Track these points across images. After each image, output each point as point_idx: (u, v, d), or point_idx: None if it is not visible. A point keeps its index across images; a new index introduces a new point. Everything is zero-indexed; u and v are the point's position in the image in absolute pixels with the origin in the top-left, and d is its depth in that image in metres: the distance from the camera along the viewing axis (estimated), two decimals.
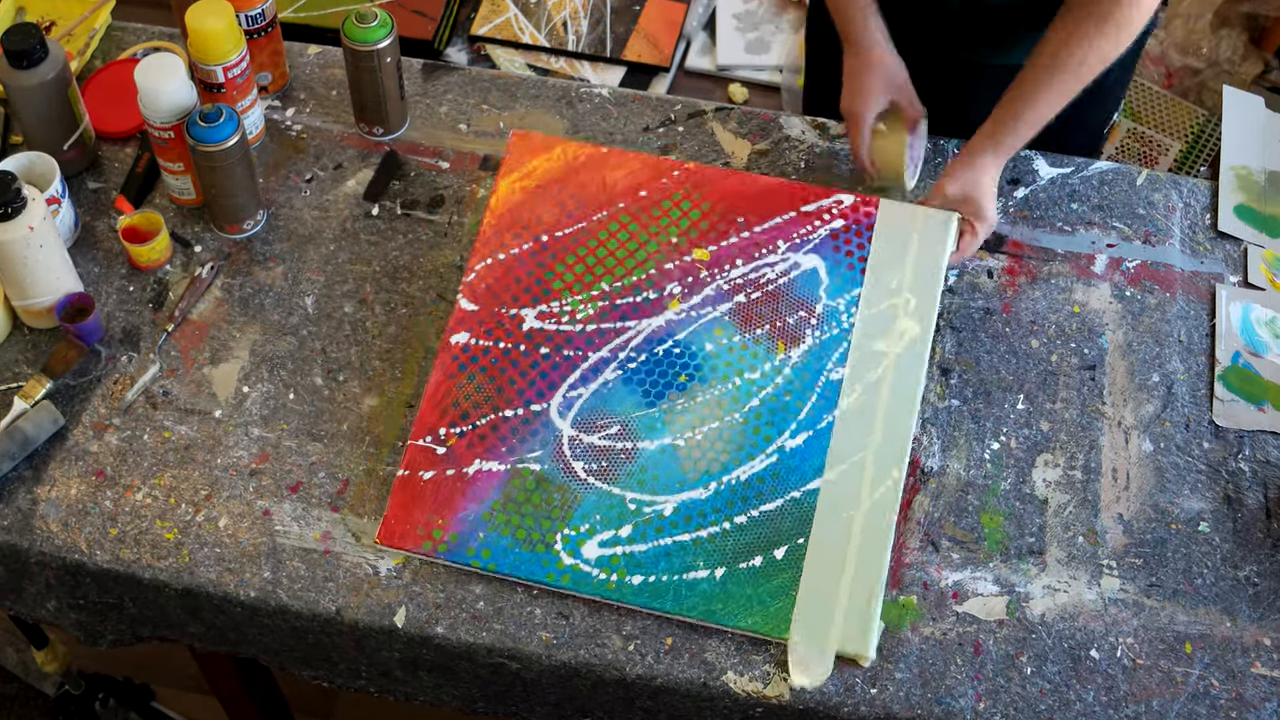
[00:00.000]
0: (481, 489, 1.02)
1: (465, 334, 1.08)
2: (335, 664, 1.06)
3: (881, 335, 1.08)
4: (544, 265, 1.11)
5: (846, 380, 1.06)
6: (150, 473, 1.06)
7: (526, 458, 1.03)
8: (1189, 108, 1.79)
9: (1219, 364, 1.13)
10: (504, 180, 1.16)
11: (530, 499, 1.02)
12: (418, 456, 1.03)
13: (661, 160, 1.17)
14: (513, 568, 0.99)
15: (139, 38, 1.32)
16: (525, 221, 1.14)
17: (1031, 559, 1.03)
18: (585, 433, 1.04)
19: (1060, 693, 0.98)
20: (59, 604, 1.07)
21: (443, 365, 1.07)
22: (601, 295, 1.09)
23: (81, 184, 1.22)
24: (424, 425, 1.05)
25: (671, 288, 1.10)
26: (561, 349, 1.07)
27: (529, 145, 1.18)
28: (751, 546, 1.00)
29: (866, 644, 0.97)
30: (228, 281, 1.17)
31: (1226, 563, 1.03)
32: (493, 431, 1.04)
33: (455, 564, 1.00)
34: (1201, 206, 1.23)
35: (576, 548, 1.00)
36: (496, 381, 1.06)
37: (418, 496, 1.02)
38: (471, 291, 1.11)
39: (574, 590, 0.99)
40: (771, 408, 1.05)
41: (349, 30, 1.17)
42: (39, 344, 1.13)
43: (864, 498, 1.02)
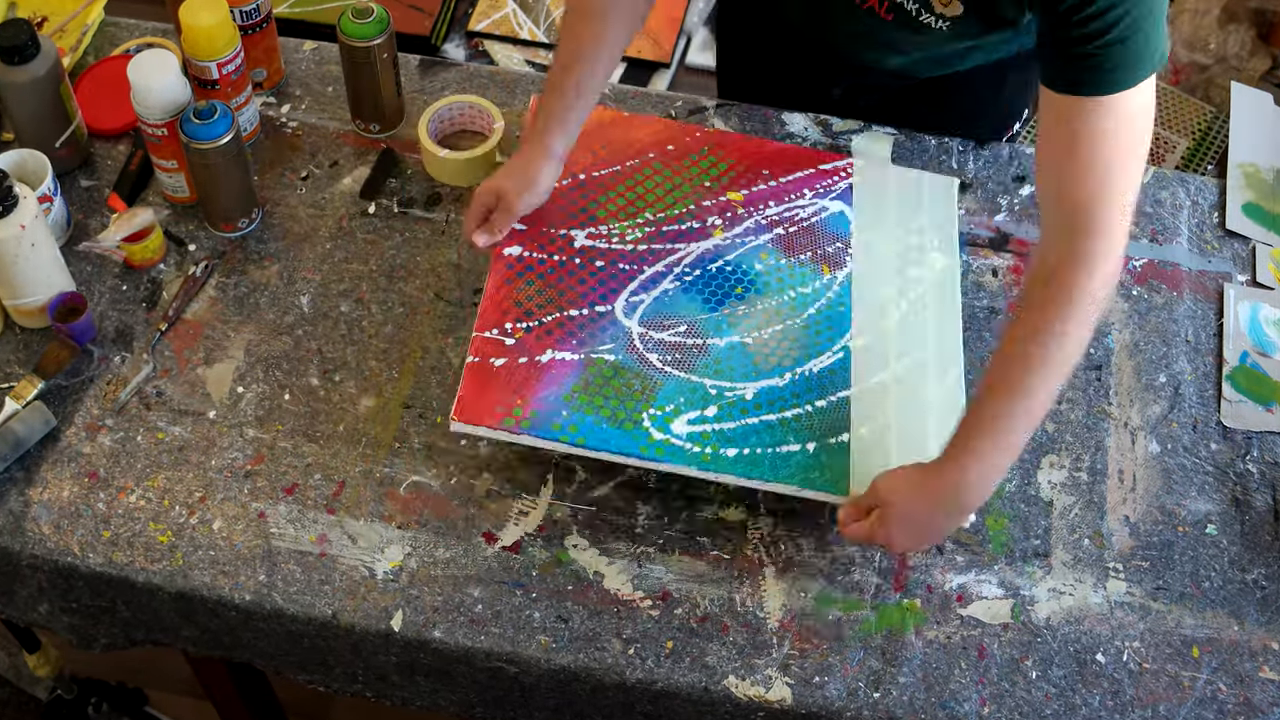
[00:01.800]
0: (558, 374, 1.02)
1: (518, 247, 1.09)
2: (331, 668, 1.05)
3: (914, 264, 1.13)
4: (587, 197, 1.14)
5: (891, 298, 1.11)
6: (144, 474, 1.05)
7: (599, 349, 1.04)
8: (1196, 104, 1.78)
9: (1227, 364, 1.12)
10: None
11: (610, 383, 1.02)
12: (485, 346, 1.03)
13: (684, 124, 1.21)
14: (602, 442, 0.99)
15: (132, 33, 1.31)
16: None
17: (1037, 562, 1.02)
18: (654, 330, 1.06)
19: (1066, 697, 0.97)
20: (51, 607, 1.07)
21: (498, 273, 1.07)
22: (647, 223, 1.12)
23: (74, 182, 1.21)
24: (487, 320, 1.05)
25: (713, 220, 1.13)
26: (616, 263, 1.09)
27: None
28: (836, 425, 1.03)
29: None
30: (222, 281, 1.16)
31: (1234, 565, 1.03)
32: (559, 327, 1.05)
33: (541, 440, 0.99)
34: (1209, 204, 1.22)
35: (665, 424, 1.01)
36: (556, 287, 1.07)
37: (492, 379, 1.02)
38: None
39: (669, 462, 0.99)
40: (828, 315, 1.09)
41: (345, 26, 1.17)
42: (31, 344, 1.12)
43: (931, 384, 1.06)
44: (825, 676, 0.97)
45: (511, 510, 1.04)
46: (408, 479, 1.05)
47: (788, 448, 1.01)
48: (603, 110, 1.20)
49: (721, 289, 1.09)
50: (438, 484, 1.05)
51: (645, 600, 1.00)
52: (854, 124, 1.26)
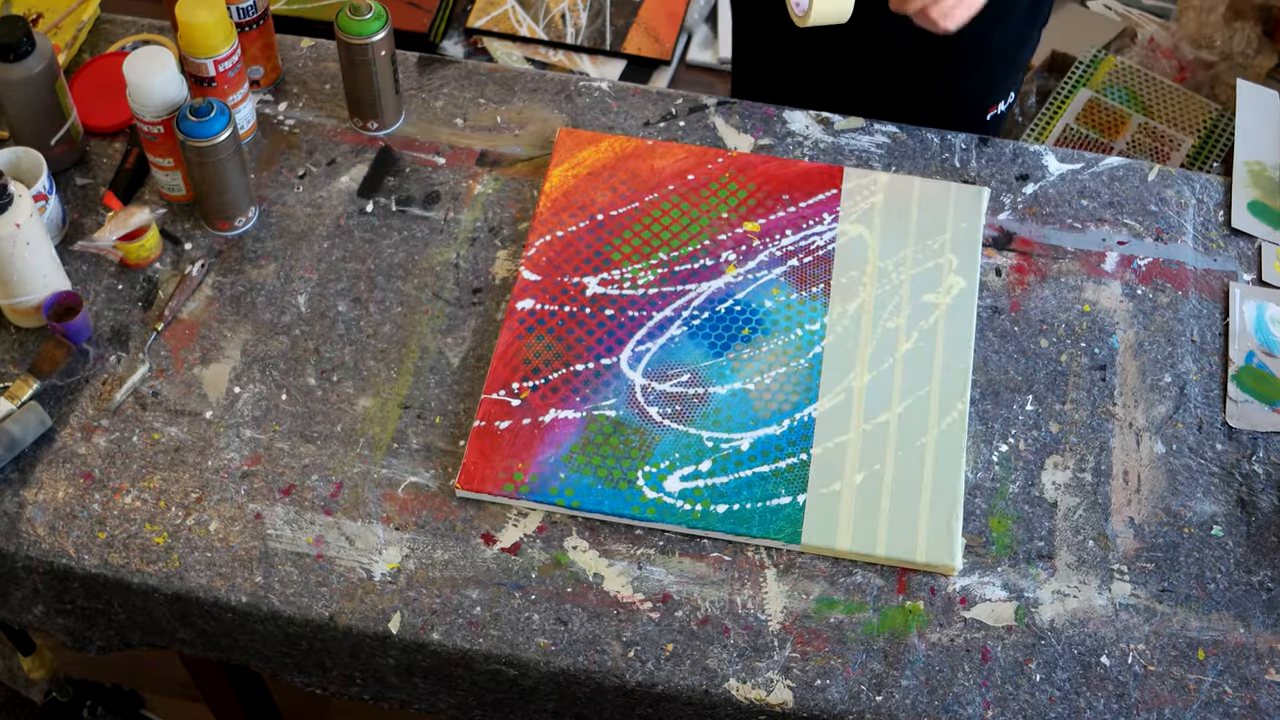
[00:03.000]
0: (559, 435, 1.05)
1: (530, 300, 1.11)
2: (328, 670, 1.04)
3: (931, 289, 1.13)
4: (602, 240, 1.15)
5: (904, 328, 1.11)
6: (139, 475, 1.05)
7: (601, 405, 1.06)
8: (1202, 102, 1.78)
9: (1232, 364, 1.11)
10: (555, 170, 1.19)
11: (609, 441, 1.05)
12: (493, 409, 1.06)
13: (706, 150, 1.21)
14: (597, 504, 1.02)
15: (128, 30, 1.31)
16: (580, 203, 1.17)
17: (1041, 563, 1.02)
18: (657, 381, 1.08)
19: (1070, 700, 0.96)
20: (46, 609, 1.06)
21: (510, 329, 1.10)
22: (660, 264, 1.14)
23: (69, 180, 1.21)
24: (496, 380, 1.07)
25: (726, 255, 1.15)
26: (626, 310, 1.11)
27: (576, 140, 1.22)
28: (831, 473, 1.04)
29: (952, 555, 1.00)
30: (219, 280, 1.15)
31: (1240, 567, 1.02)
32: (564, 384, 1.07)
33: (539, 504, 1.02)
34: (1214, 203, 1.21)
35: (659, 482, 1.03)
36: (565, 340, 1.09)
37: (495, 444, 1.04)
38: (533, 264, 1.14)
39: (660, 522, 1.01)
40: (834, 354, 1.09)
41: (343, 23, 1.16)
42: (26, 343, 1.11)
43: (931, 427, 1.06)
44: (827, 679, 0.97)
45: (510, 512, 1.03)
46: (406, 480, 1.05)
47: (778, 501, 1.02)
48: (624, 141, 1.21)
49: (728, 332, 1.10)
50: (436, 485, 1.05)
51: (645, 602, 1.00)
52: (856, 122, 1.25)
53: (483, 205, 1.20)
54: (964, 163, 1.23)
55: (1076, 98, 1.80)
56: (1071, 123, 1.78)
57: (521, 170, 1.22)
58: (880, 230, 1.15)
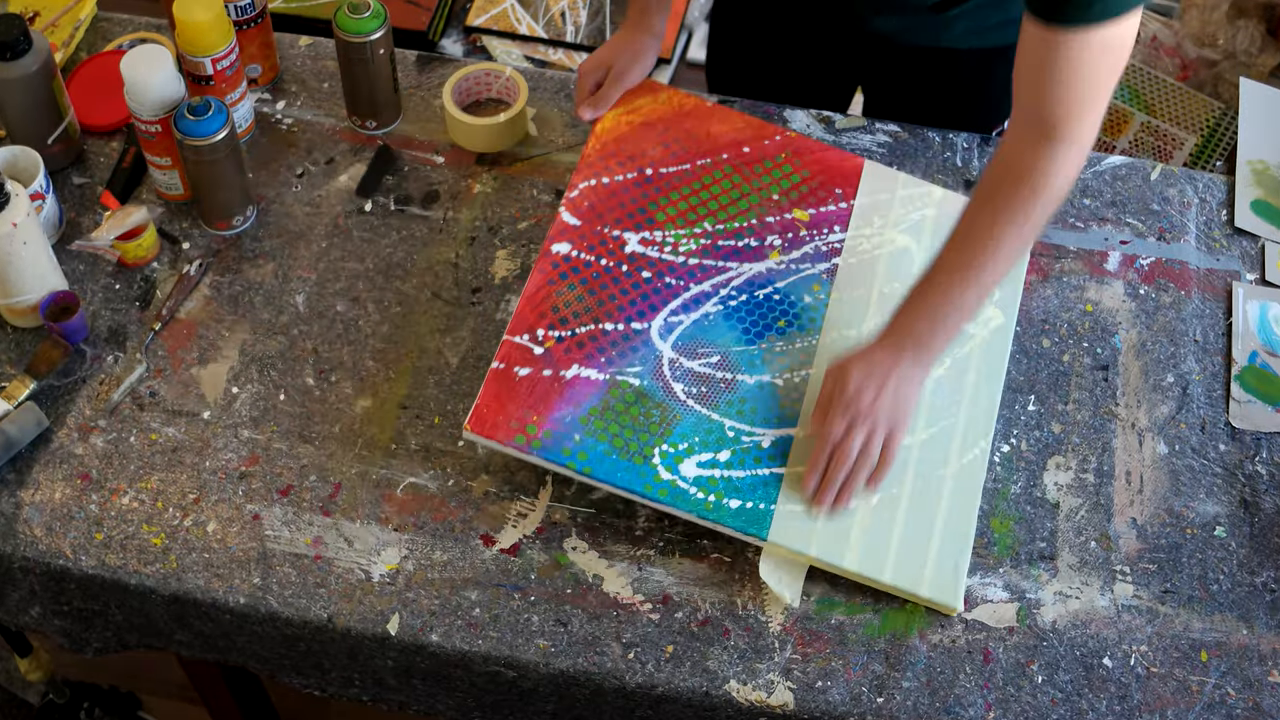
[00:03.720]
0: (579, 393, 1.02)
1: (567, 245, 1.08)
2: (327, 672, 1.04)
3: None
4: (648, 196, 1.12)
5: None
6: (137, 476, 1.04)
7: (626, 370, 1.03)
8: (1205, 100, 1.77)
9: (1235, 364, 1.11)
10: (610, 112, 1.15)
11: (629, 410, 1.01)
12: (513, 352, 1.03)
13: (765, 124, 1.18)
14: (609, 475, 0.99)
15: (125, 29, 1.30)
16: (630, 152, 1.14)
17: (1043, 564, 1.01)
18: (686, 357, 1.04)
19: (1072, 702, 0.96)
20: (43, 611, 1.05)
21: (542, 270, 1.06)
22: (704, 234, 1.11)
23: (66, 179, 1.20)
24: (521, 323, 1.04)
25: (772, 239, 1.11)
26: (664, 275, 1.08)
27: (639, 86, 1.18)
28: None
29: (956, 596, 0.98)
30: (216, 279, 1.15)
31: (1243, 568, 1.01)
32: (591, 341, 1.04)
33: (548, 463, 0.99)
34: (1217, 202, 1.21)
35: (674, 464, 1.00)
36: (597, 295, 1.06)
37: (512, 390, 1.01)
38: (574, 207, 1.10)
39: (671, 506, 0.98)
40: None
41: (341, 21, 1.16)
42: (22, 343, 1.11)
43: (953, 460, 1.03)
44: (828, 681, 0.96)
45: (510, 512, 1.03)
46: (405, 480, 1.04)
47: (791, 506, 0.99)
48: (684, 96, 1.17)
49: (764, 320, 1.07)
50: (435, 486, 1.04)
51: (645, 604, 0.99)
52: (858, 120, 1.25)
53: (482, 204, 1.19)
54: (965, 162, 1.22)
55: None
56: None
57: (521, 169, 1.22)
58: (929, 247, 1.11)
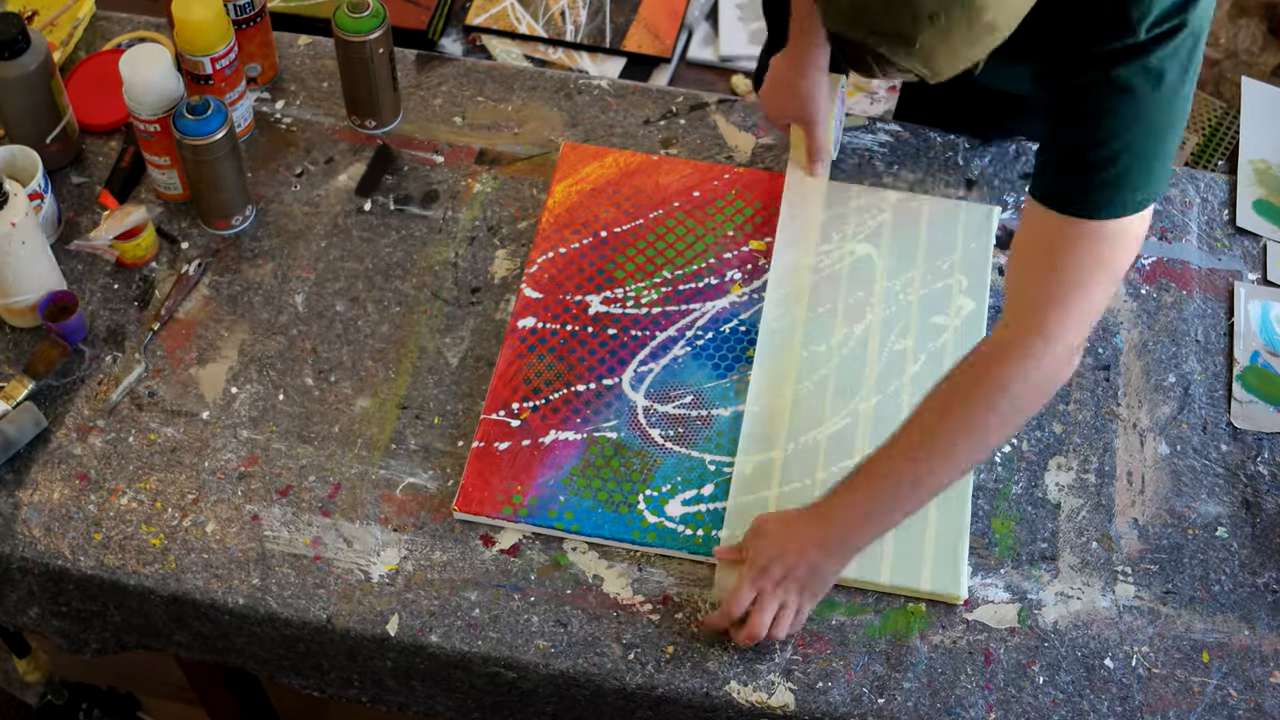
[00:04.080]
0: (559, 457, 1.04)
1: (532, 319, 1.10)
2: (326, 673, 1.04)
3: (939, 311, 1.11)
4: (605, 257, 1.14)
5: (911, 350, 1.08)
6: (135, 476, 1.04)
7: (602, 427, 1.05)
8: (1206, 100, 1.76)
9: (1237, 364, 1.11)
10: (559, 185, 1.18)
11: (610, 463, 1.03)
12: (492, 429, 1.04)
13: (713, 165, 1.20)
14: (596, 528, 1.00)
15: (124, 28, 1.30)
16: (583, 219, 1.16)
17: (1044, 565, 1.01)
18: (659, 403, 1.06)
19: (1074, 703, 0.95)
20: (41, 611, 1.05)
21: (511, 346, 1.08)
22: (664, 282, 1.13)
23: (65, 178, 1.20)
24: (496, 400, 1.06)
25: (732, 274, 1.13)
26: (629, 329, 1.10)
27: (581, 155, 1.20)
28: None
29: (958, 585, 0.98)
30: (215, 279, 1.14)
31: (1245, 569, 1.01)
32: (565, 405, 1.06)
33: (539, 527, 1.01)
34: (1219, 202, 1.21)
35: (660, 507, 1.01)
36: (566, 360, 1.08)
37: (494, 465, 1.03)
38: (535, 281, 1.12)
39: (660, 547, 1.00)
40: (840, 376, 1.07)
41: (340, 20, 1.15)
42: (21, 343, 1.11)
43: None
44: (829, 682, 0.96)
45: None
46: (404, 481, 1.04)
47: None
48: (630, 155, 1.19)
49: (733, 353, 1.09)
50: (434, 486, 1.04)
51: (645, 604, 0.99)
52: (859, 120, 1.24)
53: (481, 204, 1.19)
54: (967, 161, 1.22)
55: None
56: None
57: (521, 169, 1.22)
58: (888, 250, 1.13)
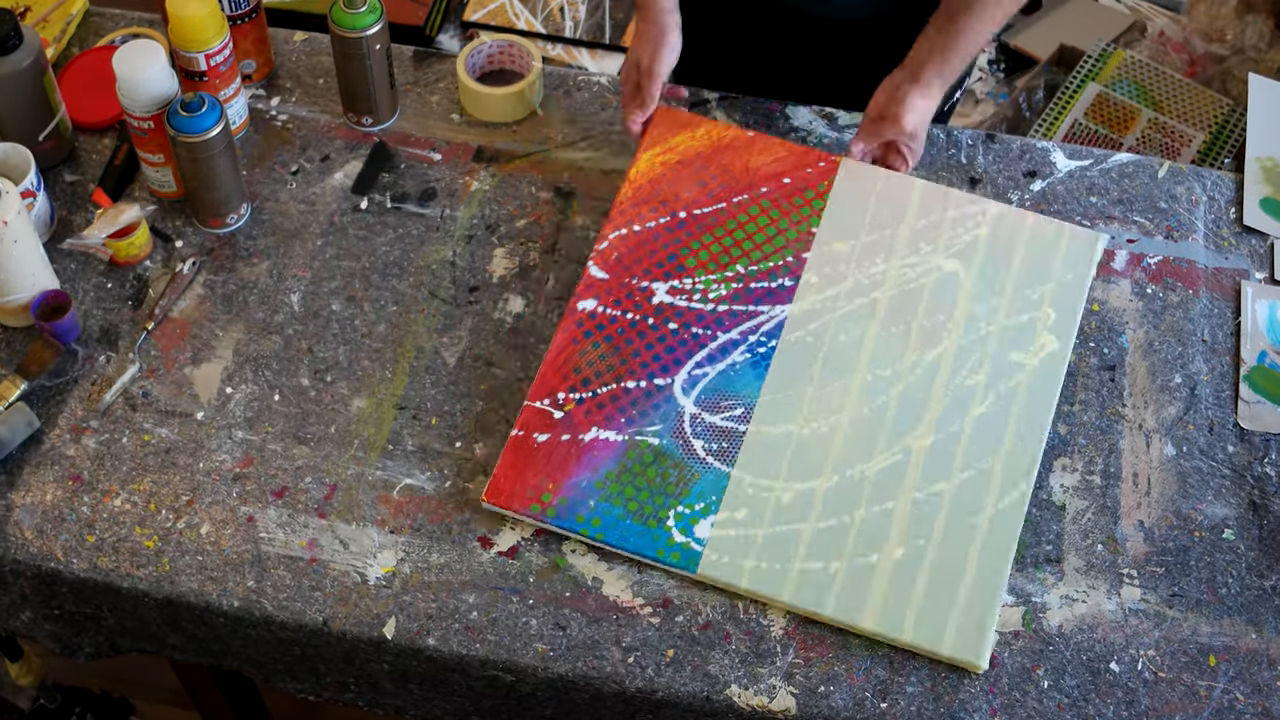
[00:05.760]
0: (598, 457, 1.00)
1: (593, 300, 1.06)
2: (322, 676, 1.03)
3: (1019, 347, 1.05)
4: (679, 241, 1.09)
5: (981, 387, 1.03)
6: (129, 477, 1.03)
7: (645, 430, 1.01)
8: (1213, 97, 1.76)
9: (1244, 364, 1.10)
10: (645, 154, 1.13)
11: (646, 472, 1.00)
12: (533, 418, 1.02)
13: (809, 150, 1.15)
14: (621, 540, 0.98)
15: (117, 24, 1.29)
16: (664, 196, 1.11)
17: (1048, 568, 1.00)
18: (708, 412, 1.02)
19: (1079, 707, 0.95)
20: (34, 615, 1.05)
21: (567, 329, 1.05)
22: (736, 277, 1.08)
23: (58, 176, 1.19)
24: (543, 387, 1.03)
25: (808, 276, 1.07)
26: (690, 326, 1.06)
27: (674, 120, 1.15)
28: (872, 542, 0.98)
29: (979, 655, 0.94)
30: (210, 278, 1.14)
31: (1252, 571, 1.00)
32: (612, 401, 1.02)
33: (563, 530, 0.98)
34: (1226, 200, 1.20)
35: (689, 525, 0.98)
36: (621, 352, 1.04)
37: (530, 458, 1.00)
38: (603, 259, 1.08)
39: (684, 569, 0.97)
40: (901, 406, 1.02)
41: (337, 16, 1.15)
42: (13, 343, 1.10)
43: (989, 505, 0.99)
44: (831, 686, 0.95)
45: (508, 514, 1.02)
46: (401, 482, 1.03)
47: (809, 565, 0.96)
48: (723, 128, 1.14)
49: (794, 366, 1.03)
50: (432, 487, 1.03)
51: (645, 607, 0.98)
52: (860, 117, 1.23)
53: (480, 202, 1.18)
54: (970, 159, 1.21)
55: (1085, 92, 1.78)
56: (1080, 118, 1.77)
57: (519, 166, 1.21)
58: (978, 271, 1.07)
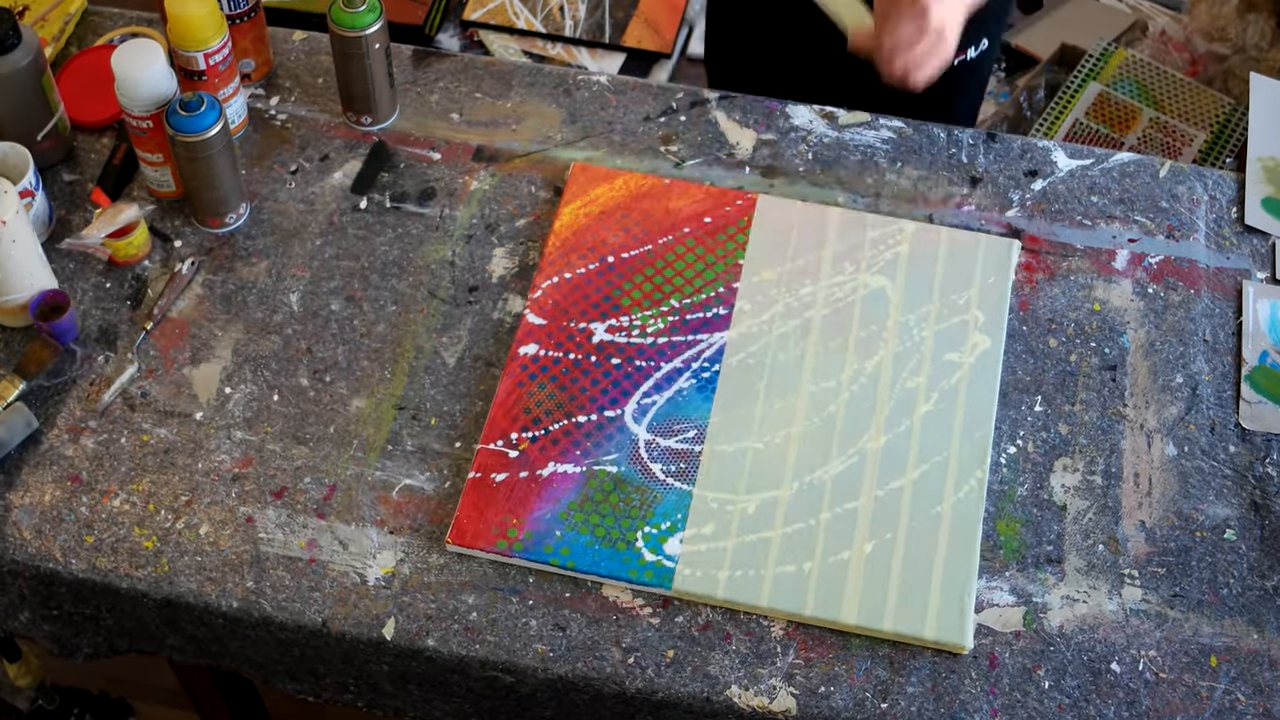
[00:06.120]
0: (557, 490, 1.01)
1: (534, 345, 1.08)
2: (321, 677, 1.03)
3: (953, 348, 1.08)
4: (611, 284, 1.12)
5: (923, 388, 1.06)
6: (128, 478, 1.03)
7: (602, 460, 1.03)
8: (1214, 96, 1.75)
9: (1246, 364, 1.10)
10: (566, 208, 1.16)
11: (609, 499, 1.01)
12: (489, 460, 1.02)
13: (726, 190, 1.17)
14: (593, 565, 0.98)
15: (116, 23, 1.29)
16: (590, 244, 1.14)
17: (1049, 568, 1.00)
18: (662, 437, 1.04)
19: (1080, 708, 0.94)
20: (32, 615, 1.04)
21: (512, 374, 1.06)
22: (671, 311, 1.10)
23: (56, 176, 1.19)
24: (495, 429, 1.04)
25: (741, 304, 1.10)
26: (633, 360, 1.07)
27: (591, 176, 1.18)
28: (840, 541, 1.00)
29: (963, 634, 0.96)
30: (209, 278, 1.13)
31: (1253, 572, 1.00)
32: (565, 436, 1.04)
33: (533, 562, 0.99)
34: (1227, 199, 1.19)
35: (659, 544, 0.99)
36: (568, 390, 1.06)
37: (490, 497, 1.01)
38: (539, 307, 1.10)
39: (659, 587, 0.98)
40: (849, 413, 1.05)
41: (336, 15, 1.14)
42: (11, 343, 1.10)
43: (947, 495, 1.01)
44: (831, 686, 0.95)
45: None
46: (401, 482, 1.03)
47: (783, 568, 0.98)
48: (640, 178, 1.17)
49: (739, 386, 1.06)
50: (431, 488, 1.03)
51: (645, 608, 0.98)
52: (861, 117, 1.23)
53: (479, 201, 1.18)
54: (971, 158, 1.21)
55: (1086, 92, 1.78)
56: (1081, 117, 1.76)
57: (519, 166, 1.20)
58: (904, 283, 1.10)
